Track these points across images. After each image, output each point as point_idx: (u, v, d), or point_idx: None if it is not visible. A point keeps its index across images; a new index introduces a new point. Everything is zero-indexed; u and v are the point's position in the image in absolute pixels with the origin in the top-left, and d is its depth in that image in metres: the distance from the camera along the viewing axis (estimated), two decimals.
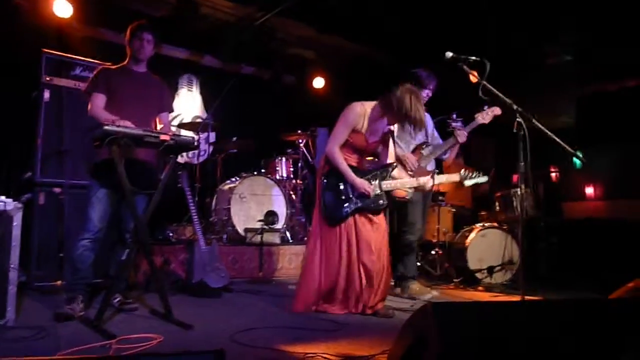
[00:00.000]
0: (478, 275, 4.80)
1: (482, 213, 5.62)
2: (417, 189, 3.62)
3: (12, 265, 2.71)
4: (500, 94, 2.99)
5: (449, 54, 3.12)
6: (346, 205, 3.34)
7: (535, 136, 2.90)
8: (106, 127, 2.69)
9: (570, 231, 5.68)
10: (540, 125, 2.84)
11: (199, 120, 6.60)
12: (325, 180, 3.42)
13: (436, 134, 4.31)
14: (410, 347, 1.80)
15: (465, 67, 3.21)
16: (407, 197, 3.82)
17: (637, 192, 6.18)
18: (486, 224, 5.07)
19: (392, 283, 4.08)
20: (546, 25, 6.02)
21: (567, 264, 5.17)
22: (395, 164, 3.50)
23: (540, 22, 5.91)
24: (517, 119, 2.77)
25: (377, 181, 3.38)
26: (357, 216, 3.37)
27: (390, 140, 3.53)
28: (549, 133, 3.05)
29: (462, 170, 3.58)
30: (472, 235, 4.91)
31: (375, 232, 3.38)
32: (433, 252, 5.28)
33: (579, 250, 5.33)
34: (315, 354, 2.33)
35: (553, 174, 7.57)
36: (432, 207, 5.41)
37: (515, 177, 5.98)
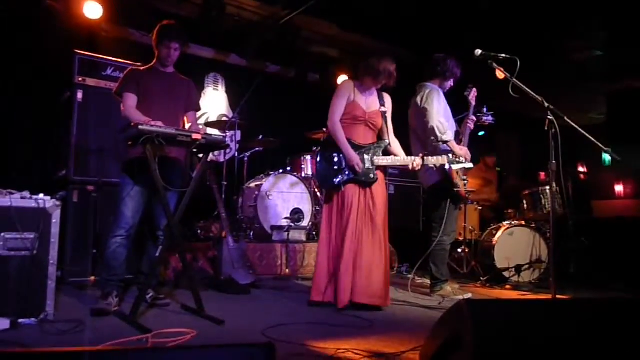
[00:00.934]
0: (505, 273, 4.77)
1: (510, 211, 5.56)
2: (405, 168, 3.69)
3: (51, 261, 2.80)
4: (530, 91, 2.97)
5: (479, 52, 3.12)
6: (338, 175, 3.47)
7: (563, 133, 2.87)
8: (141, 127, 2.76)
9: (599, 230, 5.59)
10: (572, 123, 2.81)
11: (224, 118, 6.68)
12: (321, 150, 3.62)
13: None
14: (443, 344, 1.82)
15: (494, 64, 3.20)
16: (466, 195, 3.95)
17: None
18: (514, 222, 5.03)
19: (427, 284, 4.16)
20: (575, 21, 5.92)
21: (597, 263, 5.09)
22: (387, 141, 3.62)
23: (569, 18, 5.82)
24: (549, 117, 2.74)
25: (369, 156, 3.52)
26: (358, 206, 3.46)
27: (384, 121, 3.65)
28: (581, 130, 3.02)
29: (450, 154, 3.61)
30: (499, 233, 4.87)
31: (373, 226, 3.45)
32: (460, 250, 5.26)
33: (609, 249, 5.24)
34: (347, 349, 2.35)
35: (581, 172, 7.45)
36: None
37: (542, 175, 5.91)
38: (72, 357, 1.13)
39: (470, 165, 3.70)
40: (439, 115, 3.91)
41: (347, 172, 3.46)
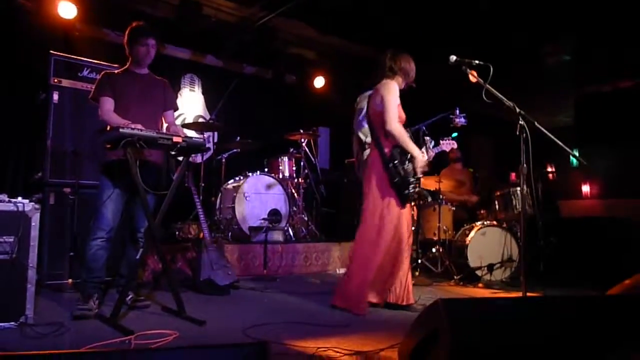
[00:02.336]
0: (478, 272, 4.91)
1: (482, 211, 5.72)
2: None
3: (30, 265, 2.79)
4: (502, 97, 3.08)
5: (453, 58, 3.21)
6: (411, 181, 3.42)
7: (533, 135, 3.00)
8: (122, 130, 2.77)
9: (567, 229, 5.78)
10: (542, 128, 2.94)
11: (201, 119, 6.68)
12: (390, 160, 3.41)
13: None
14: (421, 341, 1.90)
15: (468, 69, 3.31)
16: None
17: (632, 191, 6.30)
18: (486, 223, 5.17)
19: None
20: (545, 26, 6.12)
21: (565, 262, 5.27)
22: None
23: (540, 23, 6.01)
24: (520, 122, 2.86)
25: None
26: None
27: None
28: (550, 135, 3.15)
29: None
30: (472, 233, 5.01)
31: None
32: (434, 250, 5.39)
33: (576, 247, 5.44)
34: (327, 348, 2.42)
35: (550, 173, 7.68)
36: (432, 206, 5.51)
37: (513, 176, 6.08)
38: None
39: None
40: None
41: (416, 178, 3.45)
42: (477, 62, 3.18)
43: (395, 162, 3.39)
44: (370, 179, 3.49)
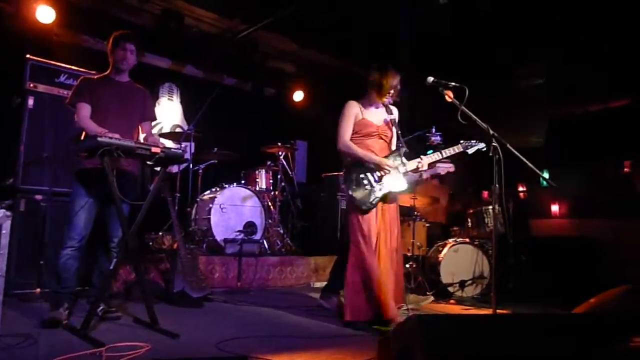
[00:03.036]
0: (450, 288, 4.98)
1: (455, 229, 5.81)
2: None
3: (0, 274, 2.72)
4: (477, 119, 3.17)
5: (430, 79, 3.30)
6: (373, 193, 3.45)
7: (505, 155, 3.09)
8: (99, 139, 2.75)
9: (537, 247, 5.92)
10: (513, 150, 3.03)
11: (178, 129, 6.65)
12: (346, 175, 3.52)
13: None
14: (394, 357, 1.93)
15: (444, 90, 3.41)
16: None
17: (599, 211, 6.50)
18: (458, 240, 5.26)
19: None
20: (520, 49, 6.33)
21: (534, 279, 5.39)
22: (404, 147, 3.64)
23: (515, 46, 6.21)
24: (493, 144, 2.95)
25: (396, 164, 3.54)
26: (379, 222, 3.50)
27: (395, 128, 3.70)
28: (520, 156, 3.25)
29: (462, 141, 3.78)
30: (445, 250, 5.09)
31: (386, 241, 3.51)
32: (407, 266, 5.44)
33: (546, 266, 5.57)
34: None
35: (521, 192, 7.86)
36: (407, 222, 5.58)
37: (485, 194, 6.21)
38: None
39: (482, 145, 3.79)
40: None
41: (380, 188, 3.46)
42: (453, 84, 3.26)
43: (350, 176, 3.49)
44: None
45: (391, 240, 3.55)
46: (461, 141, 3.77)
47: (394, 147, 3.69)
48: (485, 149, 3.81)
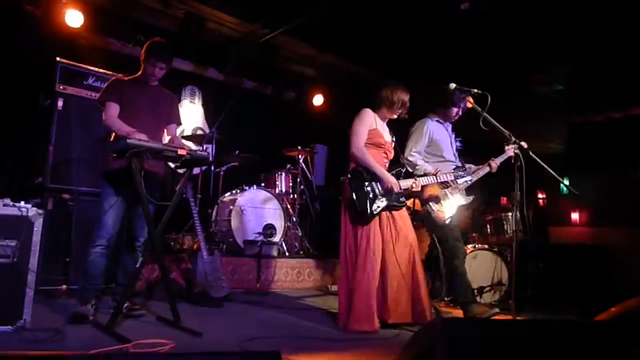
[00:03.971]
0: None
1: (474, 235, 5.79)
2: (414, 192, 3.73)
3: (31, 269, 2.82)
4: (498, 125, 3.20)
5: (453, 85, 3.33)
6: (375, 203, 3.46)
7: (525, 162, 3.11)
8: (129, 141, 2.83)
9: (555, 255, 5.88)
10: (536, 157, 3.04)
11: (199, 131, 6.74)
12: (352, 181, 3.52)
13: (455, 150, 4.24)
14: (415, 358, 1.96)
15: (466, 96, 3.44)
16: (446, 221, 3.87)
17: (618, 219, 6.44)
18: (477, 246, 5.25)
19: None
20: (540, 56, 6.31)
21: (552, 287, 5.36)
22: (403, 169, 3.70)
23: (535, 53, 6.19)
24: (515, 151, 2.96)
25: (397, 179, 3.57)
26: (385, 226, 3.51)
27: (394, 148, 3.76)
28: (542, 163, 3.27)
29: (453, 169, 3.79)
30: None
31: (400, 242, 3.51)
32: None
33: (564, 273, 5.53)
34: None
35: (540, 199, 7.81)
36: (425, 228, 5.58)
37: (504, 200, 6.18)
38: None
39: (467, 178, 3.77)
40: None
41: (381, 199, 3.48)
42: (476, 90, 3.29)
43: (357, 182, 3.49)
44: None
45: (405, 246, 3.51)
46: (452, 170, 3.77)
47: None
48: (470, 182, 3.85)
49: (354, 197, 3.44)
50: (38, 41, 5.20)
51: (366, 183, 3.50)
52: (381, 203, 3.48)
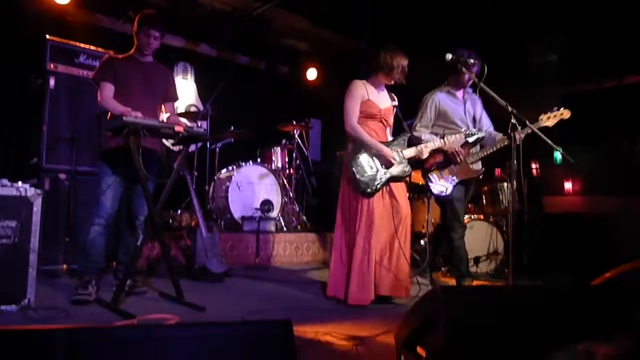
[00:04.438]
0: None
1: (469, 205, 5.85)
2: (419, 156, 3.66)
3: (32, 249, 2.83)
4: (495, 95, 3.19)
5: (449, 56, 3.32)
6: (377, 178, 3.43)
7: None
8: (125, 119, 2.81)
9: (550, 224, 5.96)
10: (533, 127, 3.06)
11: (193, 108, 6.69)
12: (351, 157, 3.47)
13: (486, 118, 4.13)
14: (417, 327, 2.00)
15: (463, 67, 3.43)
16: (446, 194, 3.85)
17: (612, 188, 6.52)
18: (473, 216, 5.31)
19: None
20: (534, 27, 6.27)
21: (548, 256, 5.44)
22: (408, 133, 3.65)
23: (529, 24, 6.16)
24: (512, 121, 2.97)
25: (399, 149, 3.53)
26: (382, 200, 3.48)
27: (397, 114, 3.71)
28: (540, 133, 3.29)
29: (464, 129, 3.71)
30: None
31: (394, 213, 3.49)
32: (422, 242, 5.51)
33: (559, 242, 5.61)
34: (326, 332, 2.52)
35: (534, 169, 7.87)
36: (422, 199, 5.63)
37: (498, 171, 6.22)
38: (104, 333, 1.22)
39: (482, 133, 3.68)
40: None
41: (384, 172, 3.44)
42: (472, 60, 3.28)
43: (357, 159, 3.44)
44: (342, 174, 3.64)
45: (397, 219, 3.48)
46: (463, 129, 3.70)
47: (389, 136, 3.67)
48: (483, 139, 3.78)
49: (356, 175, 3.40)
50: (25, 19, 5.10)
51: (367, 159, 3.46)
52: (384, 176, 3.44)
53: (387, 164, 3.46)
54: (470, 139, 3.59)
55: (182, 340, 1.16)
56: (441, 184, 3.85)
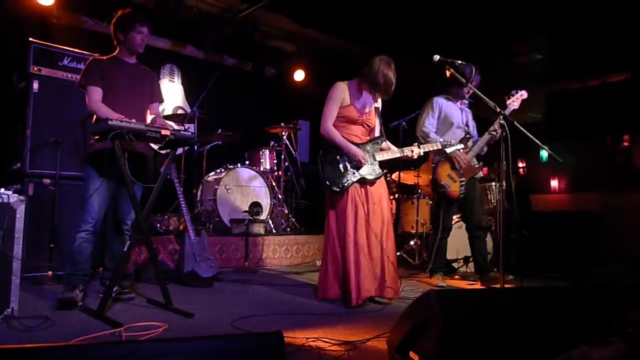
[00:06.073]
0: (454, 264, 5.05)
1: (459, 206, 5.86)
2: (404, 157, 3.74)
3: (15, 257, 2.77)
4: (483, 96, 3.20)
5: (437, 57, 3.31)
6: (346, 176, 3.47)
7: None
8: (110, 123, 2.76)
9: (538, 223, 5.99)
10: (520, 127, 3.06)
11: (180, 111, 6.64)
12: (322, 154, 3.53)
13: (473, 129, 4.48)
14: (411, 330, 1.99)
15: (451, 69, 3.43)
16: (460, 196, 4.21)
17: (597, 185, 6.59)
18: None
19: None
20: (519, 26, 6.30)
21: (536, 254, 5.47)
22: (384, 137, 3.69)
23: (513, 23, 6.18)
24: (500, 121, 2.97)
25: (370, 152, 3.57)
26: (358, 201, 3.50)
27: (377, 117, 3.73)
28: (527, 133, 3.29)
29: (442, 139, 3.96)
30: None
31: (374, 217, 3.51)
32: (412, 243, 5.51)
33: (547, 240, 5.64)
34: (316, 338, 2.49)
35: (521, 168, 7.93)
36: (411, 200, 5.64)
37: (485, 170, 6.24)
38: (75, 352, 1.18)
39: (460, 146, 3.91)
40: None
41: (352, 172, 3.49)
42: (460, 62, 3.28)
43: (326, 157, 3.51)
44: None
45: (377, 222, 3.52)
46: (440, 140, 3.91)
47: (377, 134, 3.72)
48: (462, 149, 3.99)
49: (323, 173, 3.48)
50: (8, 21, 5.01)
51: (337, 158, 3.51)
52: (353, 177, 3.49)
53: (356, 165, 3.50)
54: (449, 150, 3.79)
55: (169, 356, 1.13)
56: (455, 188, 4.21)
